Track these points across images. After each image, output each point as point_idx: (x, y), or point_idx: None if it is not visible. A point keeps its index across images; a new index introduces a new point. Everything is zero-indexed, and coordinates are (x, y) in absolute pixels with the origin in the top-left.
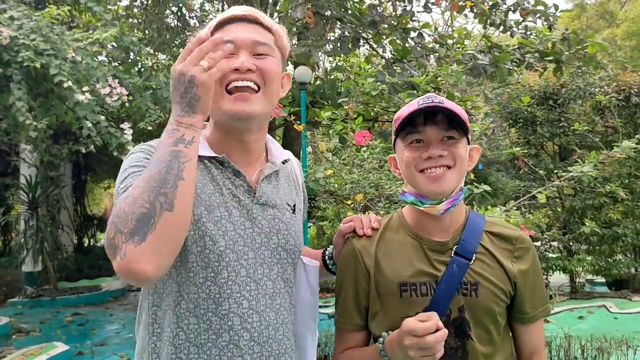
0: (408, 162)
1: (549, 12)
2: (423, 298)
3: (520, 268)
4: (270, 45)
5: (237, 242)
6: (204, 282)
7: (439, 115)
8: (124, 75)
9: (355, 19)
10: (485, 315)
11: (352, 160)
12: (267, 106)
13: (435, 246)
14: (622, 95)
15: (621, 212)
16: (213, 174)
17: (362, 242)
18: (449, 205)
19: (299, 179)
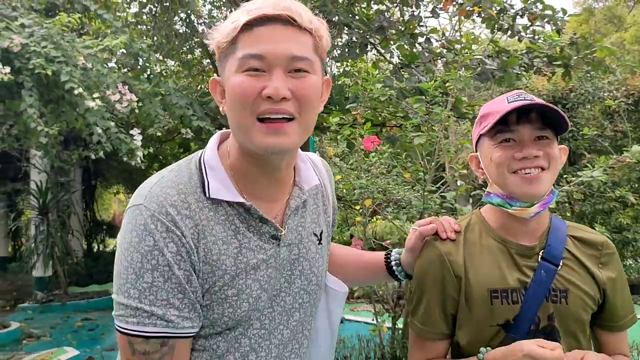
0: (499, 162)
1: (557, 16)
2: (514, 306)
3: (608, 275)
4: (309, 60)
5: (260, 299)
6: (215, 337)
7: (533, 114)
8: (133, 81)
9: (362, 24)
10: (574, 324)
11: (360, 165)
12: (304, 134)
13: (523, 251)
14: (631, 100)
15: (631, 217)
16: (236, 224)
17: (448, 246)
18: (540, 208)
19: (329, 191)
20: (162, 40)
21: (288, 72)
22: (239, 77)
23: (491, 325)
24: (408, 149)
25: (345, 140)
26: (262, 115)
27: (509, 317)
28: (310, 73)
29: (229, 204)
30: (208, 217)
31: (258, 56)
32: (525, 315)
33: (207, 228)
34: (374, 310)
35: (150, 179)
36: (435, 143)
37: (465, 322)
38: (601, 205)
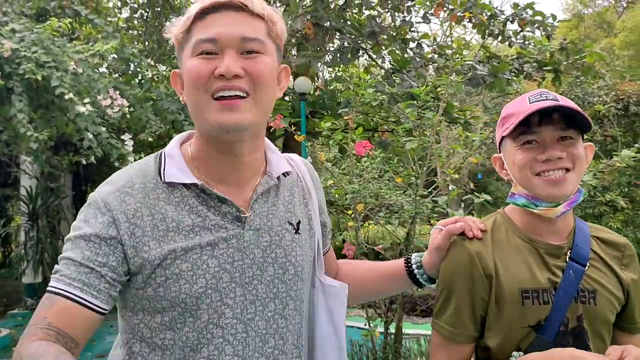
0: (522, 165)
1: (547, 22)
2: (545, 306)
3: (631, 276)
4: (261, 40)
5: (221, 279)
6: (182, 328)
7: (555, 114)
8: (124, 86)
9: (354, 29)
10: (602, 325)
11: (352, 170)
12: (259, 113)
13: (553, 250)
14: (620, 105)
15: (621, 221)
16: (192, 204)
17: (476, 245)
18: (567, 207)
19: (310, 187)
20: (154, 45)
21: (241, 54)
22: (193, 61)
23: (522, 327)
24: (400, 153)
25: (337, 145)
26: (216, 93)
27: (541, 318)
28: (263, 54)
29: (185, 186)
30: (159, 197)
31: (210, 40)
32: (555, 316)
33: (155, 206)
34: (366, 315)
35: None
36: (427, 148)
37: (495, 324)
38: (592, 210)
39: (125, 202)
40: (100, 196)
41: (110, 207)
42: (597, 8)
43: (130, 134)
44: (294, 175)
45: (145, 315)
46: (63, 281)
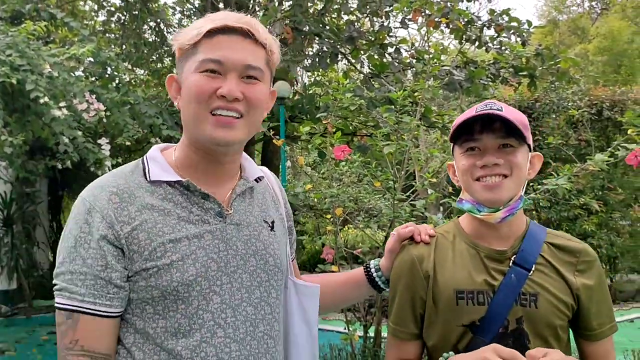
0: (464, 170)
1: (522, 28)
2: (480, 307)
3: (584, 282)
4: (260, 69)
5: (209, 268)
6: (174, 315)
7: (497, 123)
8: (101, 90)
9: (333, 34)
10: (545, 328)
11: (331, 174)
12: (248, 132)
13: (493, 255)
14: (594, 110)
15: (595, 224)
16: (177, 200)
17: (420, 249)
18: (506, 213)
19: (279, 195)
20: (131, 49)
21: (241, 78)
22: (197, 76)
23: (457, 326)
24: (379, 157)
25: (316, 150)
26: (215, 110)
27: (475, 318)
28: (260, 81)
29: (169, 184)
30: (145, 195)
31: (217, 61)
32: (493, 318)
33: (141, 204)
34: (346, 319)
35: None
36: (405, 152)
37: (433, 323)
38: (566, 213)
39: (112, 200)
40: (87, 199)
41: (100, 208)
42: (572, 15)
43: (107, 138)
44: (265, 183)
45: (135, 307)
46: (75, 299)
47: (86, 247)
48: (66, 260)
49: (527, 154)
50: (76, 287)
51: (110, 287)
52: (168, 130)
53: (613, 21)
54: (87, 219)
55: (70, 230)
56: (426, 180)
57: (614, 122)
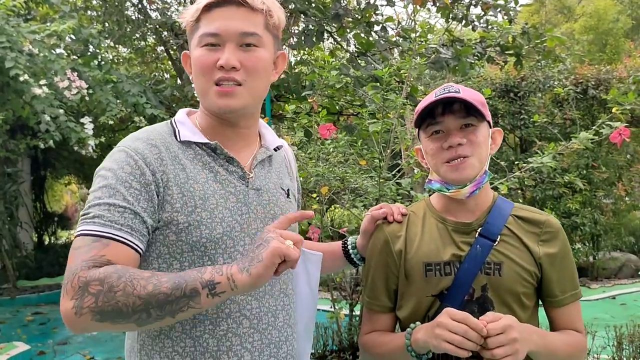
0: (432, 154)
1: (509, 6)
2: (447, 277)
3: (546, 251)
4: (258, 35)
5: (234, 228)
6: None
7: (456, 105)
8: (83, 68)
9: (319, 12)
10: (508, 295)
11: (317, 154)
12: (251, 98)
13: (460, 227)
14: (579, 88)
15: (579, 202)
16: (205, 161)
17: (393, 227)
18: (473, 188)
19: (293, 167)
20: (113, 27)
21: (240, 46)
22: (199, 51)
23: (427, 296)
24: (365, 136)
25: (302, 129)
26: (217, 81)
27: (443, 288)
28: (259, 47)
29: (198, 145)
30: (177, 153)
31: (213, 34)
32: (459, 286)
33: (175, 158)
34: (332, 297)
35: None
36: (391, 130)
37: (406, 295)
38: (551, 191)
39: (152, 151)
40: (128, 148)
41: (143, 155)
42: None
43: (90, 117)
44: (282, 153)
45: (162, 263)
46: (112, 226)
47: (127, 186)
48: (105, 195)
49: (488, 130)
50: (114, 216)
51: (144, 227)
52: (152, 109)
53: (599, 0)
54: (130, 161)
55: (109, 169)
56: (412, 159)
57: (599, 101)
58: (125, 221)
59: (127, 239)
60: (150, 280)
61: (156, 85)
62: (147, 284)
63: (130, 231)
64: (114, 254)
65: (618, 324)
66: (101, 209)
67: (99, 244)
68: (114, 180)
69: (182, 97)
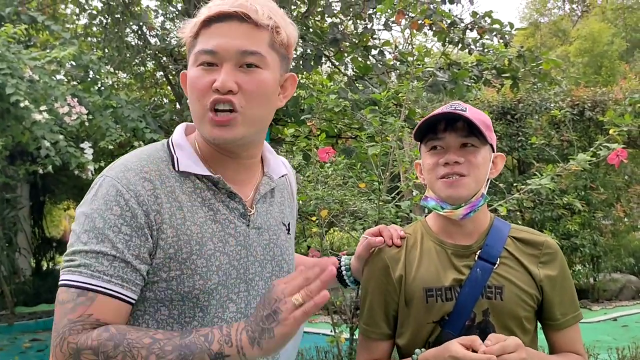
0: (429, 168)
1: (504, 30)
2: (448, 303)
3: (547, 273)
4: (260, 54)
5: (230, 275)
6: (190, 322)
7: (459, 123)
8: (83, 94)
9: (317, 37)
10: (510, 319)
11: (316, 177)
12: (251, 127)
13: (459, 250)
14: (576, 110)
15: (579, 224)
16: (205, 196)
17: (392, 252)
18: (468, 210)
19: (294, 190)
20: (113, 52)
21: (239, 67)
22: (194, 71)
23: (428, 323)
24: (364, 159)
25: (301, 152)
26: (213, 105)
27: (444, 314)
28: (261, 68)
29: (198, 177)
30: (174, 186)
31: (210, 51)
32: (460, 312)
33: (171, 194)
34: (332, 321)
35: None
36: (390, 153)
37: (406, 322)
38: (550, 213)
39: (145, 187)
40: (119, 181)
41: (135, 192)
42: (553, 17)
43: (90, 142)
44: (284, 179)
45: (148, 307)
46: (100, 278)
47: (116, 231)
48: (91, 240)
49: (490, 154)
50: (102, 266)
51: (137, 275)
52: (151, 133)
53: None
54: (120, 201)
55: (96, 209)
56: (411, 182)
57: (595, 122)
58: (115, 271)
59: (117, 291)
60: (151, 350)
61: (155, 110)
62: (148, 355)
63: (121, 282)
64: (103, 311)
65: (620, 346)
66: (87, 257)
67: (85, 298)
68: (102, 223)
69: (181, 121)
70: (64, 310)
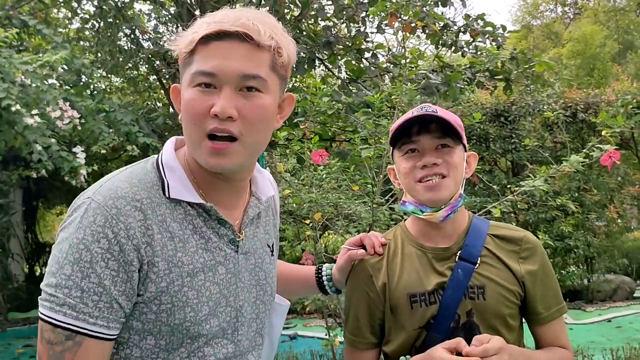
0: (406, 173)
1: (497, 32)
2: (432, 306)
3: (527, 268)
4: (262, 78)
5: (219, 304)
6: (177, 349)
7: (433, 124)
8: (75, 98)
9: (310, 40)
10: (494, 318)
11: (310, 180)
12: (248, 155)
13: (440, 253)
14: (569, 112)
15: (572, 225)
16: (196, 224)
17: (373, 260)
18: (448, 212)
19: (277, 208)
20: (106, 57)
21: (239, 90)
22: (190, 92)
23: (414, 329)
24: (358, 162)
25: (294, 156)
26: (210, 133)
27: (429, 318)
28: (262, 92)
29: (189, 204)
30: (165, 213)
31: (209, 73)
32: (444, 314)
33: (162, 224)
34: (326, 324)
35: (104, 177)
36: (383, 156)
37: (392, 329)
38: (544, 214)
39: (137, 217)
40: (108, 209)
41: (126, 225)
42: (545, 20)
43: (82, 146)
44: (274, 194)
45: (134, 334)
46: (86, 320)
47: (103, 266)
48: (76, 274)
49: (463, 154)
50: (87, 307)
51: (121, 313)
52: (145, 137)
53: (585, 26)
54: (108, 233)
55: (82, 240)
56: None
57: (588, 124)
58: (101, 313)
59: (102, 332)
60: None
61: (149, 114)
62: None
63: (107, 323)
64: (89, 355)
65: (614, 347)
66: (72, 295)
67: (72, 343)
68: (88, 256)
69: (174, 125)
70: (51, 353)
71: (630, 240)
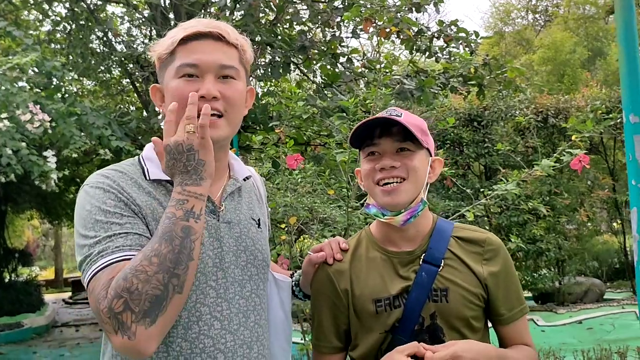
0: (366, 174)
1: (470, 38)
2: (397, 310)
3: (490, 270)
4: (235, 68)
5: (207, 264)
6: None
7: (395, 128)
8: (46, 101)
9: (285, 44)
10: (457, 320)
11: (285, 184)
12: (230, 129)
13: (404, 257)
14: (540, 117)
15: (544, 228)
16: None
17: (336, 265)
18: (407, 216)
19: (262, 194)
20: (78, 59)
21: (217, 78)
22: (176, 82)
23: (380, 333)
24: (333, 166)
25: (269, 160)
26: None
27: (394, 321)
28: (236, 79)
29: (169, 182)
30: (149, 192)
31: (193, 65)
32: (409, 317)
33: (149, 194)
34: (302, 329)
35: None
36: (358, 160)
37: (359, 334)
38: (516, 218)
39: (127, 182)
40: (102, 183)
41: (120, 187)
42: (517, 26)
43: (54, 150)
44: (251, 182)
45: None
46: (121, 250)
47: (118, 217)
48: (100, 233)
49: (427, 158)
50: (119, 242)
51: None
52: (117, 141)
53: (556, 32)
54: (110, 196)
55: (90, 210)
56: None
57: (559, 129)
58: (133, 242)
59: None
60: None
61: (121, 117)
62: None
63: (140, 248)
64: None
65: (585, 348)
66: (102, 245)
67: (110, 269)
68: (103, 216)
69: (148, 129)
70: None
71: (600, 243)
